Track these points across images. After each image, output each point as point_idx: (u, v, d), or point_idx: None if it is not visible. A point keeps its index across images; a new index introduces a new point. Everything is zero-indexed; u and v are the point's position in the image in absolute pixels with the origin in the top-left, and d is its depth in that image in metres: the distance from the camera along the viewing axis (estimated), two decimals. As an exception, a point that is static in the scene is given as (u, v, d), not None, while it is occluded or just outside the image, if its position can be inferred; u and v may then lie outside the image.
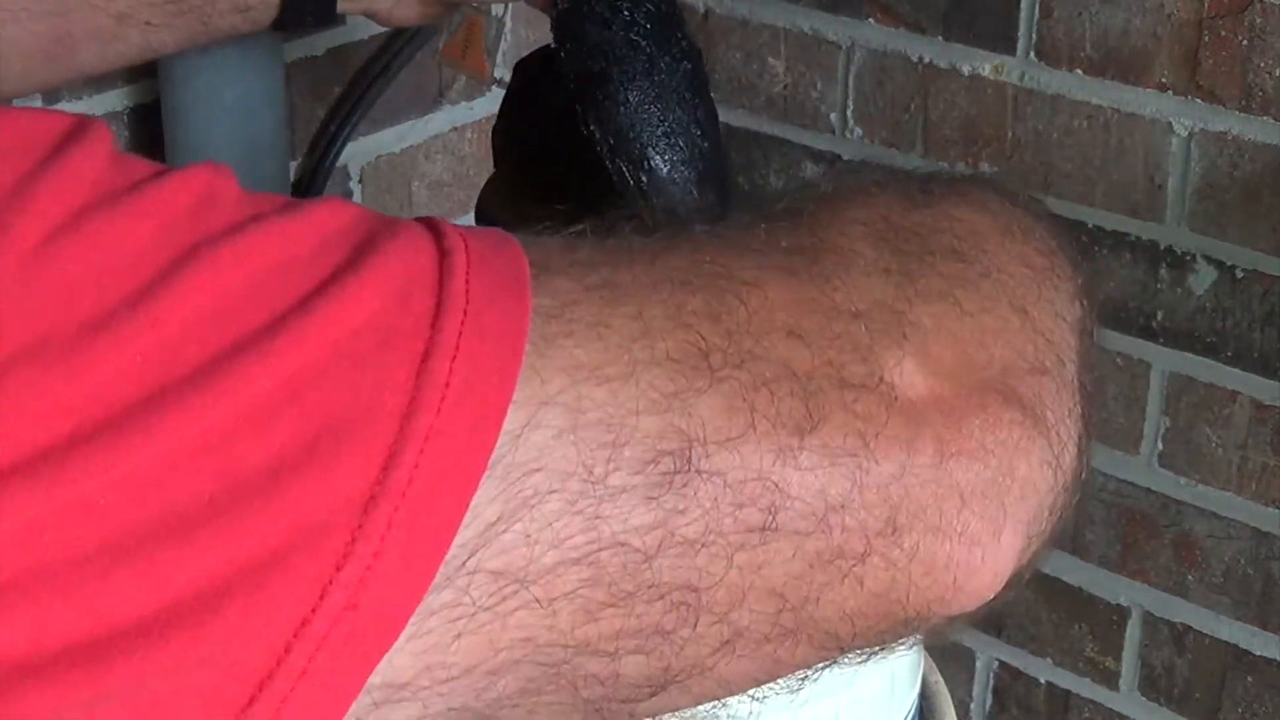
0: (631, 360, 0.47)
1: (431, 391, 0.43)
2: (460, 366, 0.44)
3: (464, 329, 0.45)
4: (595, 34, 0.84)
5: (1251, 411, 1.37)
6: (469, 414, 0.44)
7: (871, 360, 0.51)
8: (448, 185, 1.57)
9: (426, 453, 0.43)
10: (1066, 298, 0.59)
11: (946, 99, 1.45)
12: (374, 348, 0.44)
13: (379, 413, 0.43)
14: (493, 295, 0.46)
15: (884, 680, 0.85)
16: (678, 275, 0.50)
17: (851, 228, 0.56)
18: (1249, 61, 1.29)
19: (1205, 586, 1.44)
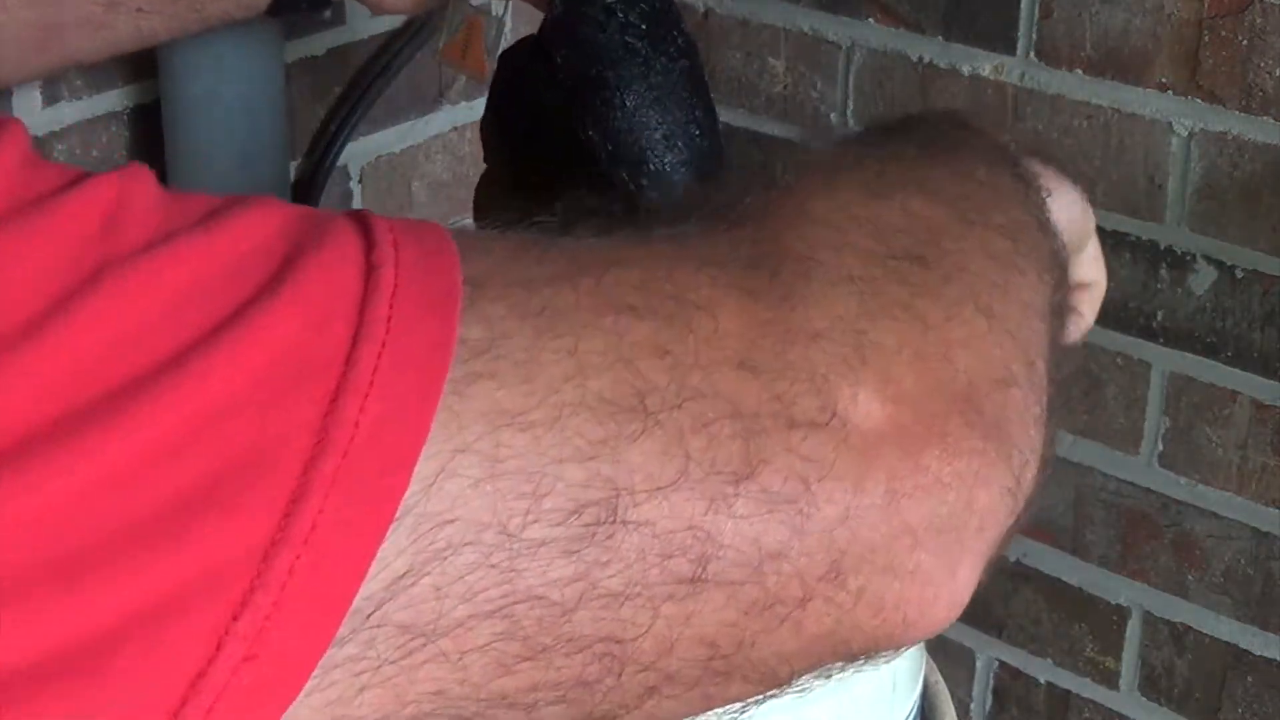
0: (559, 403, 0.44)
1: (340, 432, 0.41)
2: (373, 405, 0.42)
3: (380, 363, 0.42)
4: (590, 37, 0.84)
5: (1251, 411, 1.37)
6: (378, 459, 0.42)
7: (826, 391, 0.48)
8: (448, 185, 1.57)
9: (331, 498, 0.41)
10: (1034, 278, 0.57)
11: (946, 99, 1.45)
12: (285, 381, 0.41)
13: (285, 453, 0.41)
14: (416, 323, 0.43)
15: (885, 680, 0.85)
16: (626, 297, 0.47)
17: (812, 230, 0.53)
18: (1249, 61, 1.29)
19: (1205, 586, 1.44)
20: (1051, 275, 0.58)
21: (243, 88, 1.30)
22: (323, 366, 0.42)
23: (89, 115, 1.31)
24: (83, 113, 1.31)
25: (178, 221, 0.43)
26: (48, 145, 1.29)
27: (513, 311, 0.45)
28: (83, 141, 1.31)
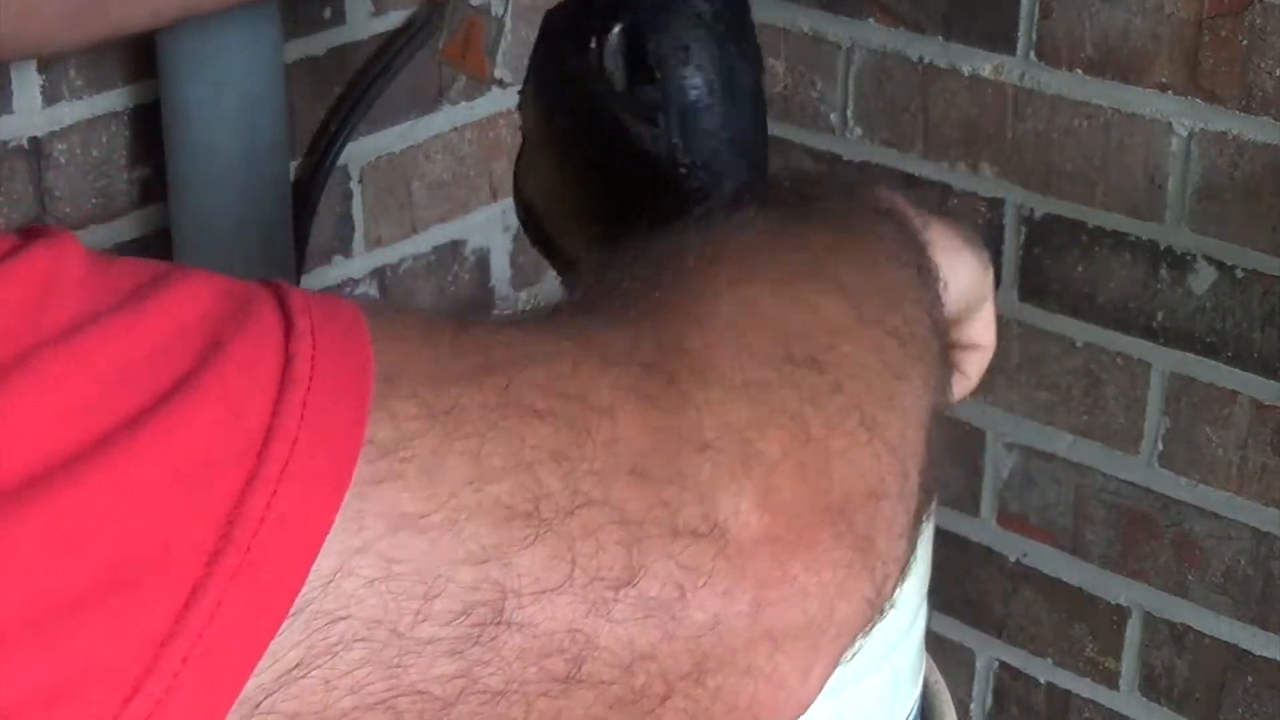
0: (458, 506, 0.46)
1: (245, 527, 0.42)
2: (279, 501, 0.43)
3: (291, 458, 0.43)
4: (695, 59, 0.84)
5: (1251, 411, 1.37)
6: (279, 555, 0.43)
7: (709, 500, 0.50)
8: (448, 185, 1.57)
9: (231, 592, 0.42)
10: (919, 384, 0.59)
11: (946, 99, 1.45)
12: (197, 474, 0.42)
13: (190, 545, 0.42)
14: (328, 419, 0.44)
15: (885, 680, 0.85)
16: (531, 399, 0.48)
17: (716, 331, 0.54)
18: (1249, 61, 1.29)
19: (1205, 586, 1.45)
20: (935, 378, 0.60)
21: (243, 88, 1.30)
22: (235, 460, 0.43)
23: (89, 115, 1.31)
24: (83, 113, 1.31)
25: (105, 298, 0.44)
26: (48, 145, 1.29)
27: (422, 411, 0.46)
28: (83, 141, 1.31)
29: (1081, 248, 1.42)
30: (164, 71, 1.30)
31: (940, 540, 0.93)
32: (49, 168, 1.30)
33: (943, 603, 1.58)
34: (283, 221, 1.37)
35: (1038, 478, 1.52)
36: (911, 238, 0.66)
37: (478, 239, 1.61)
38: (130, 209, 1.36)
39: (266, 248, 1.36)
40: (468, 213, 1.60)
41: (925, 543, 0.86)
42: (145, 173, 1.36)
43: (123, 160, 1.34)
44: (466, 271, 1.61)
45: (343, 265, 1.51)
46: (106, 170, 1.34)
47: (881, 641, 0.84)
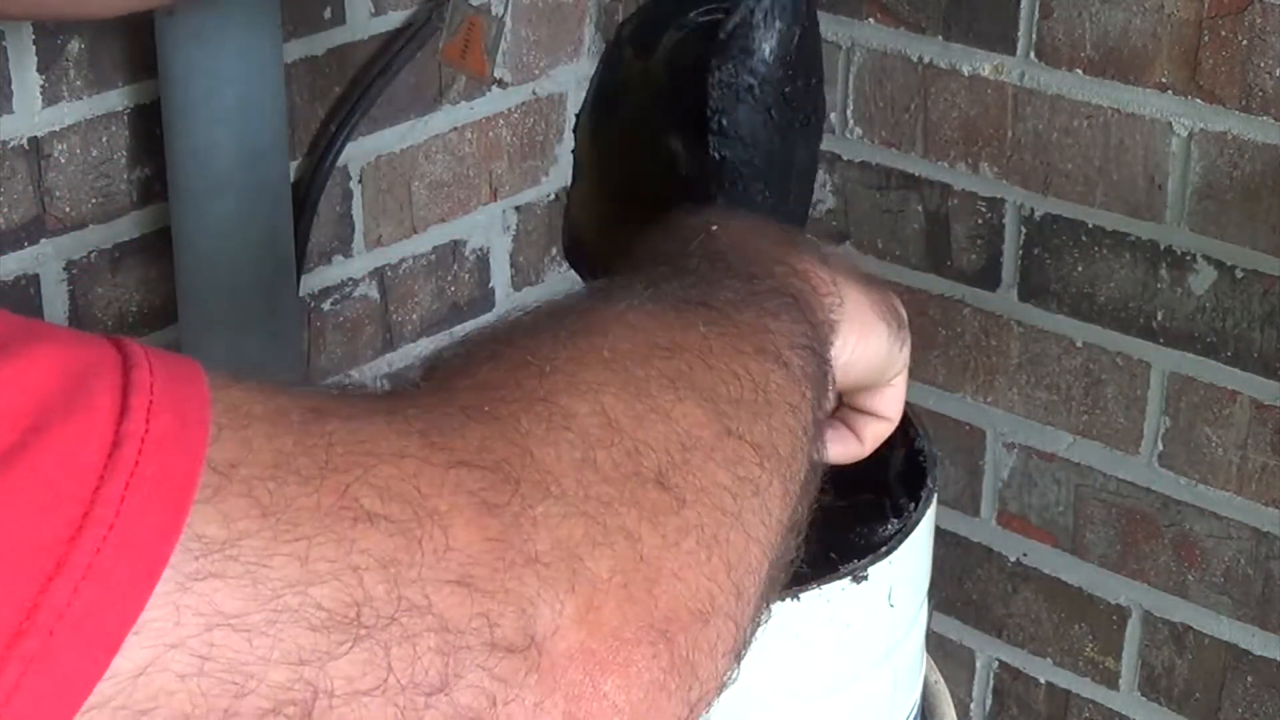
0: (279, 608, 0.46)
1: (46, 615, 0.42)
2: (86, 589, 0.43)
3: (104, 547, 0.43)
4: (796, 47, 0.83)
5: (1251, 411, 1.37)
6: (81, 645, 0.43)
7: (529, 614, 0.51)
8: (448, 185, 1.57)
9: (28, 679, 0.42)
10: (775, 497, 0.59)
11: (946, 99, 1.45)
12: (3, 559, 0.42)
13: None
14: (148, 509, 0.44)
15: (885, 681, 0.85)
16: (367, 502, 0.49)
17: (565, 437, 0.55)
18: (1249, 61, 1.29)
19: (1205, 586, 1.45)
20: (798, 485, 0.61)
21: (243, 88, 1.30)
22: (45, 547, 0.43)
23: (89, 115, 1.31)
24: (83, 113, 1.31)
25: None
26: (48, 145, 1.29)
27: (254, 509, 0.46)
28: (83, 141, 1.31)
29: (1081, 248, 1.42)
30: (164, 71, 1.30)
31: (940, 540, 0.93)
32: (49, 168, 1.30)
33: (943, 603, 1.58)
34: (283, 221, 1.37)
35: (1038, 478, 1.52)
36: (810, 321, 0.66)
37: (478, 239, 1.61)
38: (130, 209, 1.36)
39: (266, 248, 1.36)
40: (468, 213, 1.60)
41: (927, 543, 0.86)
42: (145, 173, 1.35)
43: (123, 160, 1.34)
44: (466, 271, 1.61)
45: (343, 265, 1.51)
46: (106, 170, 1.34)
47: (882, 640, 0.84)
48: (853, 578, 0.80)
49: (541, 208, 1.65)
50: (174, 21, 1.27)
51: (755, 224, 0.72)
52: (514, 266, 1.65)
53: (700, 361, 0.60)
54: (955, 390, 1.53)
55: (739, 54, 0.81)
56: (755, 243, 0.69)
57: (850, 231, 1.55)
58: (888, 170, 1.51)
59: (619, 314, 0.61)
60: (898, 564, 0.82)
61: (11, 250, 1.30)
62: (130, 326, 1.38)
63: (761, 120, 0.81)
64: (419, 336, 1.59)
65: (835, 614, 0.80)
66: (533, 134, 1.62)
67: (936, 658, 0.98)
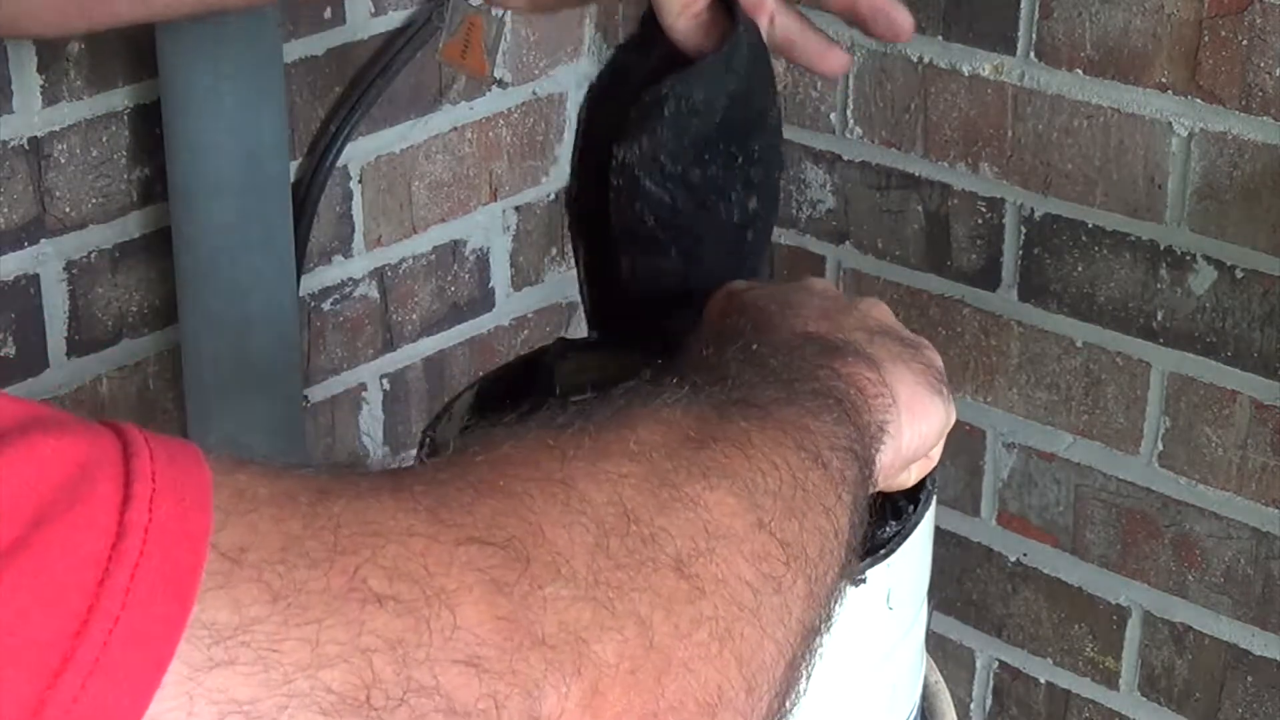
0: (290, 693, 0.46)
1: (55, 710, 0.42)
2: (94, 685, 0.43)
3: (110, 639, 0.43)
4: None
5: (1251, 411, 1.37)
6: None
7: (535, 697, 0.51)
8: (448, 185, 1.57)
9: None
10: (798, 596, 0.59)
11: (946, 99, 1.45)
12: (9, 655, 0.42)
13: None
14: (154, 598, 0.44)
15: (885, 682, 0.85)
16: (375, 584, 0.49)
17: (579, 521, 0.54)
18: (1249, 61, 1.29)
19: (1205, 586, 1.45)
20: (825, 589, 0.61)
21: (243, 88, 1.30)
22: (50, 643, 0.43)
23: (89, 115, 1.31)
24: (83, 113, 1.31)
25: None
26: (48, 145, 1.29)
27: (264, 594, 0.47)
28: (83, 141, 1.31)
29: (1081, 248, 1.42)
30: (164, 71, 1.30)
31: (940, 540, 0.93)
32: (49, 168, 1.30)
33: (943, 603, 1.58)
34: (283, 221, 1.37)
35: (1038, 478, 1.52)
36: (855, 424, 0.65)
37: (478, 239, 1.61)
38: (130, 209, 1.36)
39: (266, 248, 1.36)
40: (468, 213, 1.60)
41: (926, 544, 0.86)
42: (145, 173, 1.36)
43: (123, 160, 1.34)
44: (466, 271, 1.61)
45: (343, 265, 1.51)
46: (106, 170, 1.34)
47: (882, 642, 0.84)
48: (851, 580, 0.80)
49: (541, 208, 1.65)
50: (174, 22, 1.27)
51: (796, 332, 0.71)
52: (514, 266, 1.65)
53: (738, 452, 0.60)
54: (955, 390, 1.53)
55: (638, 139, 0.80)
56: (796, 350, 0.69)
57: (850, 231, 1.55)
58: (888, 170, 1.51)
59: (652, 410, 0.61)
60: (896, 566, 0.82)
61: (11, 250, 1.30)
62: (130, 326, 1.38)
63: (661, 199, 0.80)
64: (419, 336, 1.59)
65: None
66: (533, 134, 1.62)
67: (936, 658, 0.98)
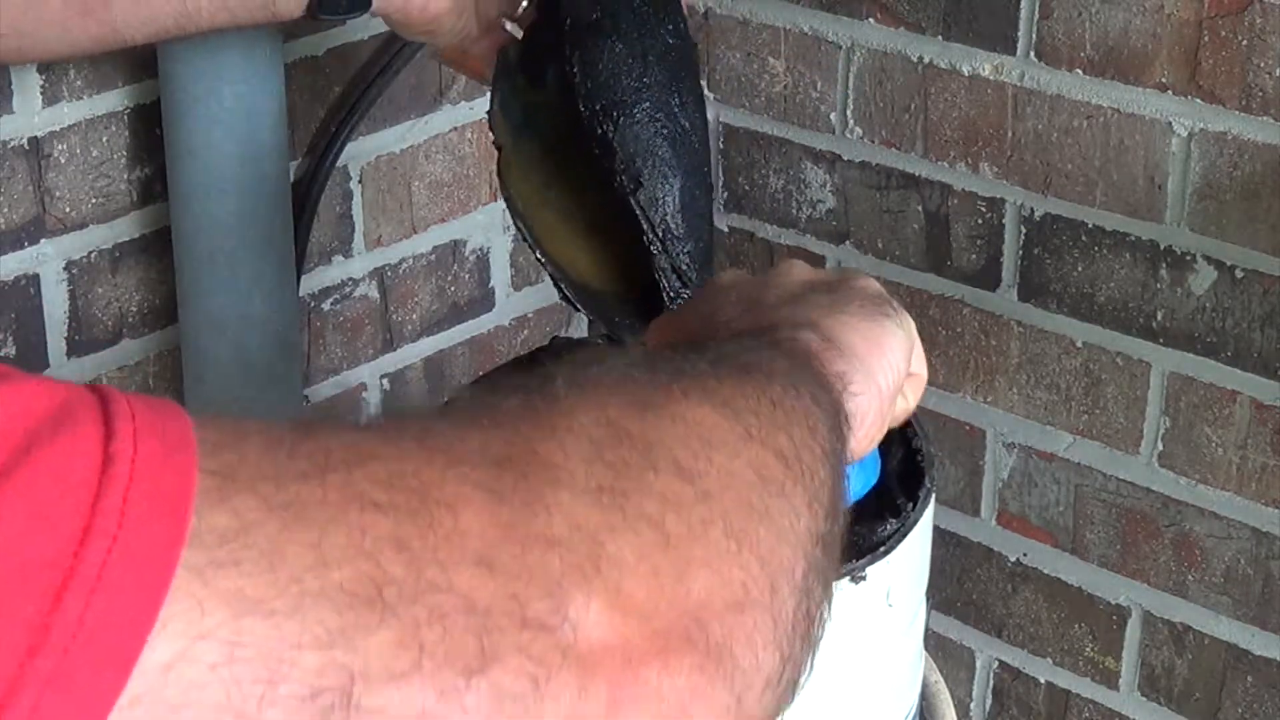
0: (301, 592, 0.45)
1: (60, 632, 0.42)
2: (99, 601, 0.42)
3: (110, 557, 0.43)
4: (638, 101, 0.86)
5: (1251, 411, 1.37)
6: (100, 653, 0.42)
7: (558, 596, 0.50)
8: (448, 185, 1.57)
9: (46, 697, 0.41)
10: (801, 504, 0.58)
11: (946, 99, 1.45)
12: (8, 578, 0.42)
13: (3, 651, 0.41)
14: (150, 516, 0.44)
15: (885, 681, 0.85)
16: (371, 493, 0.48)
17: (569, 437, 0.54)
18: (1249, 61, 1.29)
19: (1205, 586, 1.45)
20: (823, 505, 0.60)
21: (243, 88, 1.30)
22: (49, 563, 0.42)
23: (89, 115, 1.31)
24: (83, 113, 1.31)
25: None
26: (48, 145, 1.29)
27: (261, 505, 0.46)
28: (83, 141, 1.31)
29: (1081, 248, 1.42)
30: (164, 71, 1.30)
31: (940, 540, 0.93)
32: (49, 168, 1.30)
33: (943, 603, 1.58)
34: (283, 221, 1.37)
35: (1038, 478, 1.52)
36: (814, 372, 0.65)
37: (478, 239, 1.61)
38: (130, 209, 1.36)
39: (266, 248, 1.36)
40: (468, 213, 1.60)
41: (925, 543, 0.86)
42: (145, 173, 1.36)
43: (123, 160, 1.34)
44: (466, 271, 1.61)
45: (343, 265, 1.51)
46: (106, 170, 1.34)
47: (881, 640, 0.84)
48: (851, 578, 0.80)
49: (542, 208, 1.65)
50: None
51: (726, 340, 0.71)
52: (514, 266, 1.65)
53: (712, 380, 0.60)
54: (955, 390, 1.53)
55: None
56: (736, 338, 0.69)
57: (850, 231, 1.55)
58: (888, 170, 1.51)
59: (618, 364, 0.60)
60: (896, 564, 0.82)
61: (11, 250, 1.30)
62: (130, 326, 1.38)
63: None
64: (419, 336, 1.59)
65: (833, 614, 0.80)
66: (533, 134, 1.62)
67: (936, 658, 0.98)
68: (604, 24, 0.85)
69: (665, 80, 0.86)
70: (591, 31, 0.85)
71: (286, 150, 1.37)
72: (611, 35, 0.85)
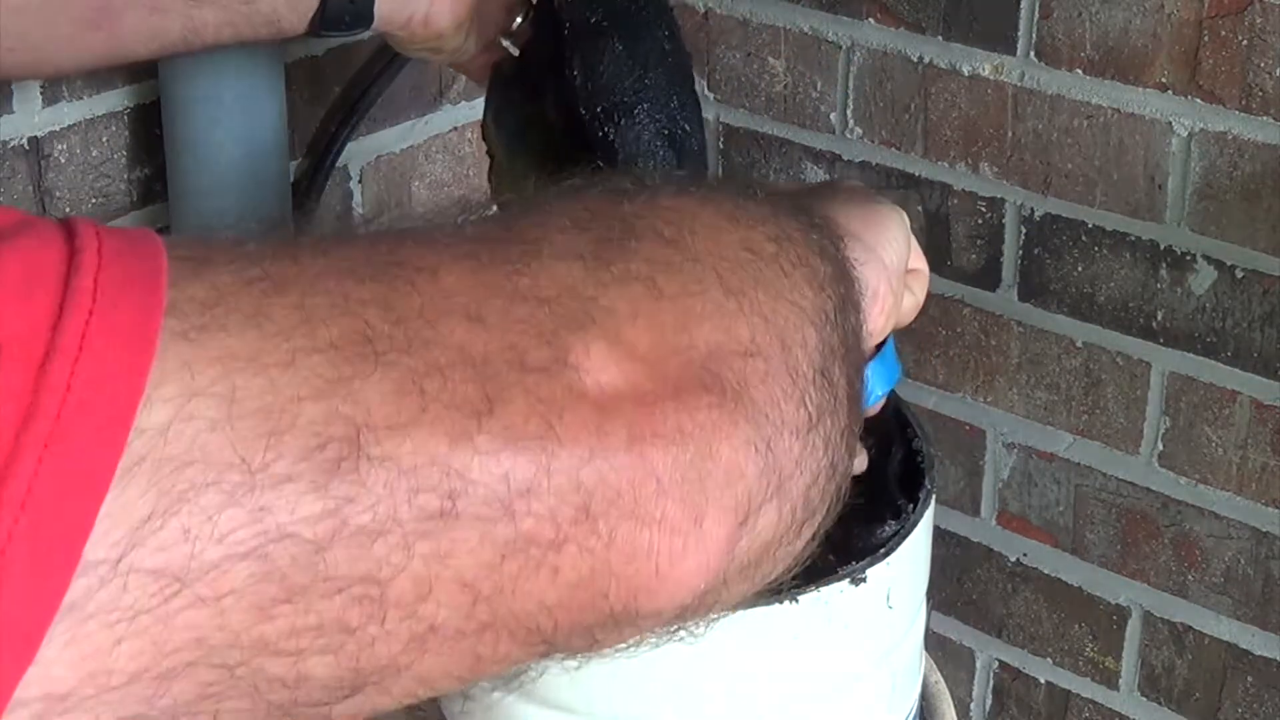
0: (292, 349, 0.45)
1: (49, 397, 0.41)
2: (84, 368, 0.42)
3: (89, 328, 0.42)
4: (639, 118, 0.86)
5: (1251, 411, 1.37)
6: (94, 417, 0.42)
7: (557, 344, 0.49)
8: (448, 185, 1.57)
9: (46, 461, 0.41)
10: (801, 282, 0.57)
11: (946, 99, 1.45)
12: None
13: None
14: (124, 291, 0.44)
15: (884, 681, 0.85)
16: (346, 265, 0.48)
17: (548, 218, 0.53)
18: (1249, 61, 1.29)
19: (1205, 586, 1.45)
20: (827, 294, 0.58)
21: (243, 88, 1.30)
22: (27, 337, 0.42)
23: (89, 115, 1.31)
24: (83, 113, 1.31)
25: None
26: (48, 145, 1.29)
27: (237, 278, 0.46)
28: (83, 141, 1.31)
29: (1081, 248, 1.42)
30: (164, 71, 1.30)
31: (940, 540, 0.93)
32: (49, 168, 1.30)
33: (943, 603, 1.58)
34: (283, 221, 1.37)
35: (1038, 478, 1.52)
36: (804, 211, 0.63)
37: (478, 239, 1.61)
38: (130, 209, 1.36)
39: (266, 248, 1.36)
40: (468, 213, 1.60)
41: (925, 543, 0.86)
42: (145, 173, 1.36)
43: (123, 160, 1.34)
44: (466, 271, 1.61)
45: (343, 265, 1.51)
46: (106, 170, 1.34)
47: (881, 641, 0.84)
48: (851, 579, 0.80)
49: (542, 207, 1.65)
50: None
51: None
52: (514, 266, 1.65)
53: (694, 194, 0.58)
54: (955, 390, 1.53)
55: None
56: None
57: (850, 231, 1.55)
58: (888, 170, 1.51)
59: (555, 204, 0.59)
60: (896, 565, 0.82)
61: (11, 250, 1.30)
62: (130, 326, 1.39)
63: None
64: (419, 336, 1.59)
65: (834, 615, 0.80)
66: (533, 134, 1.62)
67: (936, 658, 0.98)
68: (603, 26, 0.85)
69: (664, 83, 0.86)
70: (591, 34, 0.85)
71: (286, 150, 1.37)
72: (611, 37, 0.85)
